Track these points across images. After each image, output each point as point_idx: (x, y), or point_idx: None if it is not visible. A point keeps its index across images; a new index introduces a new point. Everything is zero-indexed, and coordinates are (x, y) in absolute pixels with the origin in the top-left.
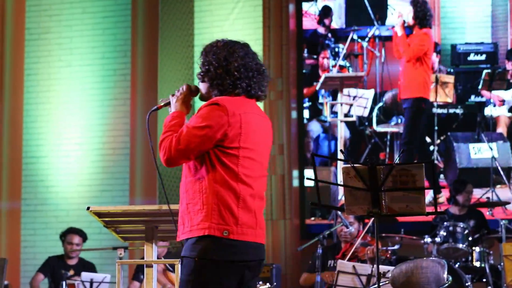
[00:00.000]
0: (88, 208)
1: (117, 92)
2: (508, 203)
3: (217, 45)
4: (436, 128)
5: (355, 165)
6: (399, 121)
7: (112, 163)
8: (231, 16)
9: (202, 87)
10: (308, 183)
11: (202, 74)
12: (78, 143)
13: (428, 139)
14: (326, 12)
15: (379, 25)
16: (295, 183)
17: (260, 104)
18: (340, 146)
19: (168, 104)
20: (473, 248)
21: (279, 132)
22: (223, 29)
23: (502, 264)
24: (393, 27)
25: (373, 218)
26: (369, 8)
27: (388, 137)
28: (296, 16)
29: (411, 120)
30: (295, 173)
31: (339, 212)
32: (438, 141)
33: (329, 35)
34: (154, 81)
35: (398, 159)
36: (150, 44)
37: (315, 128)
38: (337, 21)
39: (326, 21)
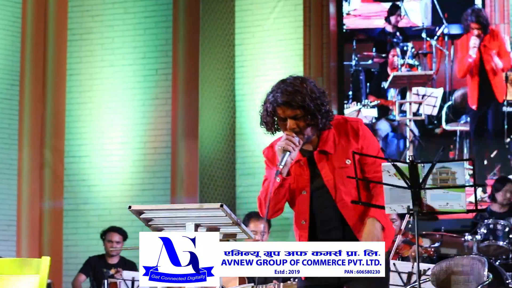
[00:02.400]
0: (129, 207)
1: (158, 91)
2: None
3: (305, 85)
4: (505, 126)
5: (395, 163)
6: (469, 119)
7: (153, 162)
8: (272, 15)
9: (309, 130)
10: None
11: (310, 116)
12: (120, 143)
13: None
14: (393, 10)
15: (448, 24)
16: None
17: None
18: (408, 145)
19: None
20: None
21: None
22: (264, 28)
23: None
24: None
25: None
26: (437, 6)
27: (458, 135)
28: (336, 15)
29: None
30: None
31: None
32: (508, 139)
33: (397, 33)
34: (195, 81)
35: (438, 157)
36: (191, 44)
37: (383, 127)
38: (424, 21)
39: (393, 20)
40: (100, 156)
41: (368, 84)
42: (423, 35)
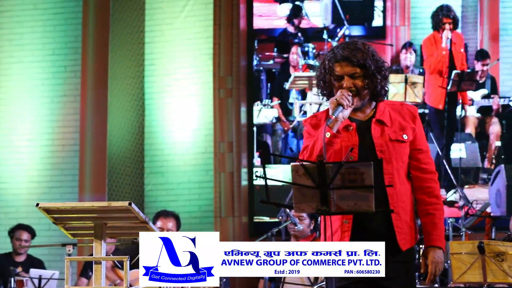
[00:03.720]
0: (37, 205)
1: (67, 88)
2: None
3: (367, 47)
4: None
5: (304, 163)
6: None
7: (61, 159)
8: (182, 13)
9: (365, 94)
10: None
11: (368, 79)
12: (27, 139)
13: None
14: (296, 12)
15: (349, 25)
16: (244, 181)
17: (210, 102)
18: None
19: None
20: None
21: (228, 130)
22: (174, 26)
23: (448, 262)
24: None
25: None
26: (339, 8)
27: None
28: (246, 14)
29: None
30: (244, 170)
31: (288, 210)
32: None
33: (299, 34)
34: (104, 78)
35: (347, 157)
36: (101, 41)
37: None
38: (324, 22)
39: (296, 21)
40: (8, 153)
41: (269, 84)
42: (324, 36)
